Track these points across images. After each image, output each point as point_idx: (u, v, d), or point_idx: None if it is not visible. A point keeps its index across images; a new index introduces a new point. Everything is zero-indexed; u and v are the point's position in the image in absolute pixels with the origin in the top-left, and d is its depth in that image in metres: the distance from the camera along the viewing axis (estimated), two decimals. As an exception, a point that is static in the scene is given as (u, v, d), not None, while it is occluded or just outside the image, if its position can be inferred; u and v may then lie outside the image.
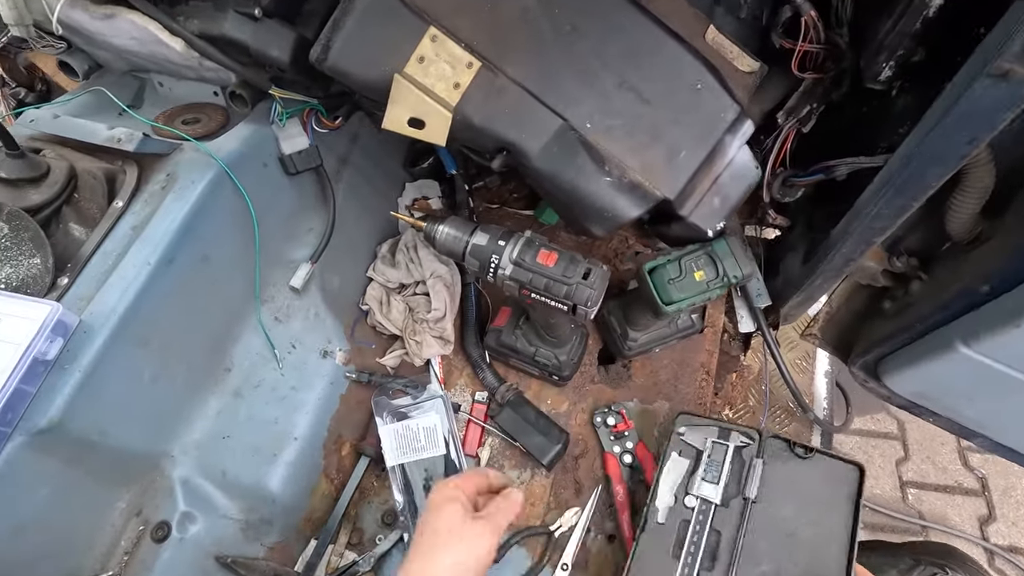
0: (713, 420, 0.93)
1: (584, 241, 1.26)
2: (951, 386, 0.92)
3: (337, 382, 1.03)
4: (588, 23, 0.75)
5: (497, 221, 1.30)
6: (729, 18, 1.05)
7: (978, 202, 0.78)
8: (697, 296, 0.84)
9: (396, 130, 0.71)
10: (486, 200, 1.32)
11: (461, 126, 0.76)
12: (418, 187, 1.31)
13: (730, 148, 0.82)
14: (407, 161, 1.30)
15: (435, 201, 1.32)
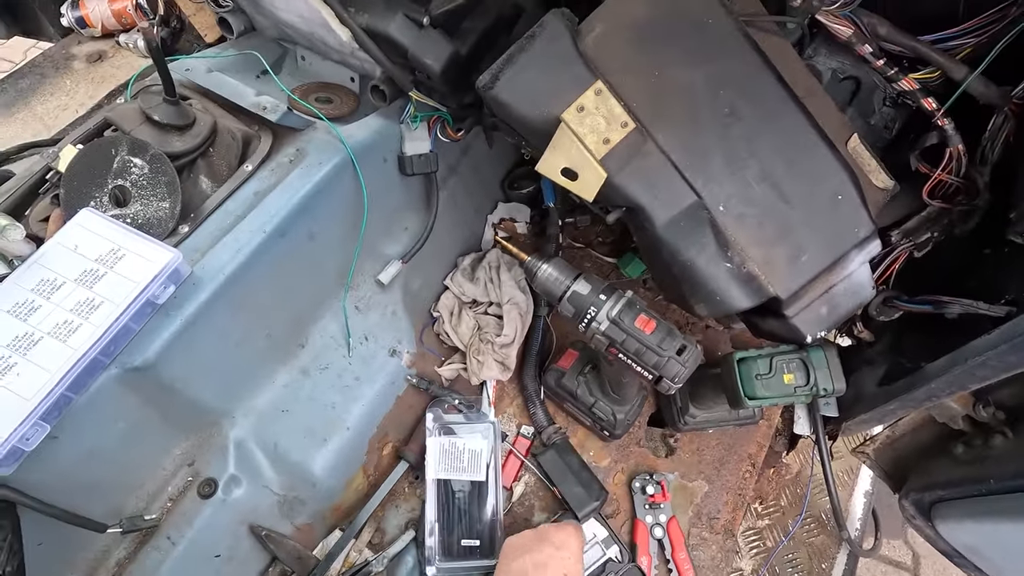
0: None
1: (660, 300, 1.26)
2: (1011, 553, 0.88)
3: (397, 382, 1.04)
4: (747, 109, 0.76)
5: (579, 261, 1.30)
6: (860, 122, 1.05)
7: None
8: (781, 398, 0.83)
9: (549, 176, 0.72)
10: (572, 237, 1.32)
11: (597, 178, 0.76)
12: (509, 208, 1.33)
13: (853, 262, 0.81)
14: (506, 182, 1.32)
15: (521, 226, 1.33)
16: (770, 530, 1.27)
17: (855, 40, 0.83)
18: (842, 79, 1.00)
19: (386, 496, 1.01)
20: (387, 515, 1.01)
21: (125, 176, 0.80)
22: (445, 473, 0.99)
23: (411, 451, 1.02)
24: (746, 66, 0.76)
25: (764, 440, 1.15)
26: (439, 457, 0.99)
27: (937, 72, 0.85)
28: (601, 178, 0.71)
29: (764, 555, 1.25)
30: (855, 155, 0.89)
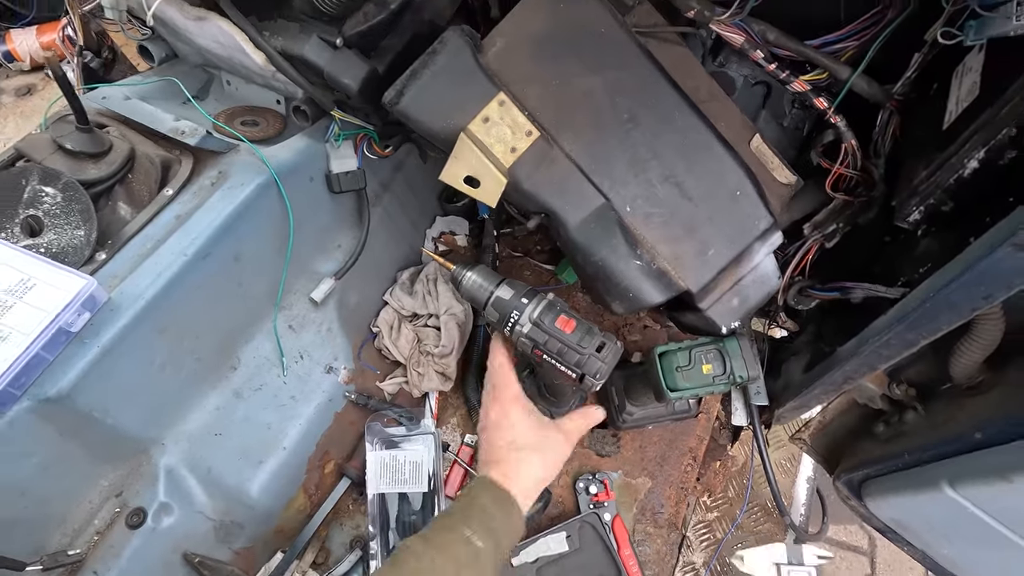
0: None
1: (598, 307, 1.29)
2: (931, 523, 0.93)
3: (335, 399, 1.04)
4: (646, 115, 0.80)
5: (519, 270, 1.33)
6: (773, 124, 1.11)
7: (983, 352, 0.81)
8: (701, 388, 0.87)
9: (452, 184, 0.75)
10: (511, 247, 1.35)
11: (510, 187, 0.79)
12: (448, 222, 1.35)
13: (757, 254, 0.85)
14: (443, 196, 1.34)
15: (461, 238, 1.35)
16: (719, 522, 1.30)
17: (748, 47, 0.89)
18: (753, 84, 1.06)
19: (329, 515, 1.00)
20: (331, 534, 1.01)
21: (37, 206, 0.79)
22: (386, 487, 0.99)
23: (353, 468, 1.02)
24: (641, 74, 0.80)
25: (704, 433, 1.19)
26: (379, 471, 0.99)
27: (825, 73, 0.91)
28: (501, 184, 0.74)
29: (714, 546, 1.28)
30: (758, 154, 0.95)
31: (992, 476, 0.75)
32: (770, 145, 0.96)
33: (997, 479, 0.75)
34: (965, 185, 0.72)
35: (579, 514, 1.05)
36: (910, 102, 0.90)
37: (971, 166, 0.70)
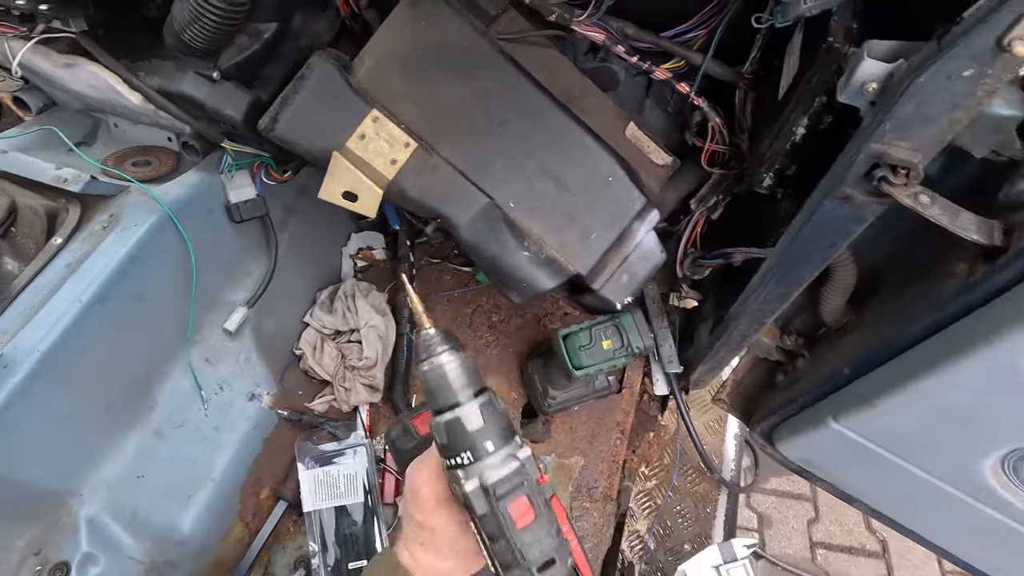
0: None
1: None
2: (828, 456, 1.02)
3: (262, 425, 1.05)
4: (517, 117, 0.85)
5: (438, 275, 1.37)
6: (658, 111, 1.18)
7: (843, 295, 0.90)
8: (603, 363, 0.93)
9: (331, 200, 0.78)
10: (428, 255, 1.39)
11: (398, 196, 0.83)
12: (363, 238, 1.37)
13: (638, 233, 0.92)
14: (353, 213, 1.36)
15: (379, 252, 1.38)
16: (658, 489, 1.37)
17: (609, 43, 0.96)
18: (635, 75, 1.13)
19: (270, 539, 1.01)
20: (274, 558, 1.01)
21: (-88, 271, 0.77)
22: (322, 503, 1.00)
23: (289, 490, 1.03)
24: (507, 80, 0.85)
25: (629, 407, 1.25)
26: (314, 488, 1.01)
27: (682, 61, 0.99)
28: (378, 196, 0.77)
29: (656, 513, 1.34)
30: (634, 140, 1.02)
31: (860, 404, 0.84)
32: (646, 131, 1.03)
33: (865, 406, 0.83)
34: (799, 149, 0.81)
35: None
36: (760, 80, 0.98)
37: (799, 132, 0.79)
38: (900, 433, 0.83)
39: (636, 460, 1.39)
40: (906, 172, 0.62)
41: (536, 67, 0.92)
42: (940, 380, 0.70)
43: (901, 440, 0.84)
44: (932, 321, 0.71)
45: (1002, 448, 0.73)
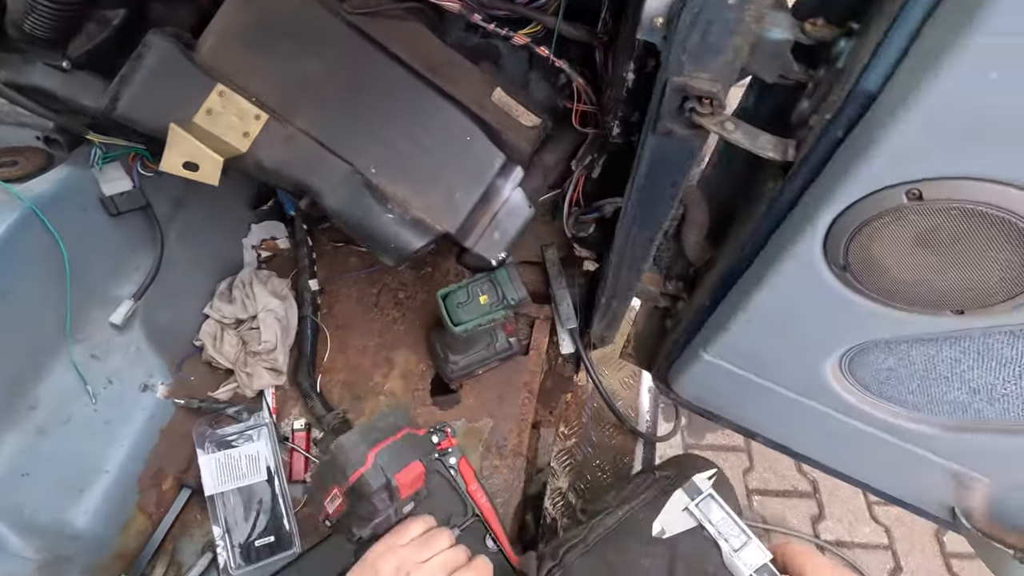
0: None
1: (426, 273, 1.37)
2: (708, 388, 1.08)
3: (158, 415, 1.05)
4: (371, 88, 0.88)
5: (343, 258, 1.38)
6: (543, 82, 1.23)
7: (699, 233, 0.96)
8: (482, 317, 0.96)
9: (171, 171, 0.79)
10: (332, 239, 1.40)
11: (256, 169, 0.85)
12: (265, 228, 1.38)
13: (504, 190, 0.96)
14: (252, 203, 1.37)
15: (283, 241, 1.38)
16: (577, 447, 1.42)
17: (466, 11, 0.99)
18: (517, 49, 1.17)
19: (176, 528, 1.01)
20: (180, 546, 1.01)
21: None
22: (224, 486, 1.01)
23: (192, 477, 1.03)
24: (355, 51, 0.87)
25: (536, 367, 1.29)
26: (215, 472, 1.01)
27: (539, 26, 1.03)
28: (218, 164, 0.79)
29: (576, 469, 1.39)
30: (502, 104, 1.05)
31: (718, 331, 0.90)
32: (513, 95, 1.07)
33: (721, 332, 0.89)
34: (634, 94, 0.85)
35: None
36: (612, 38, 1.03)
37: (630, 77, 0.83)
38: (751, 352, 0.89)
39: (555, 421, 1.43)
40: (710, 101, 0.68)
41: (394, 40, 0.94)
42: (766, 294, 0.76)
43: (754, 359, 0.90)
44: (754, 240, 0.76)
45: (835, 351, 0.79)
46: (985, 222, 0.51)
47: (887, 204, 0.55)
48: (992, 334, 0.63)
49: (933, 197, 0.52)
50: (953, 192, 0.51)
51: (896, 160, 0.52)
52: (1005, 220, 0.50)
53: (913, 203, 0.53)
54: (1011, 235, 0.51)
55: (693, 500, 0.62)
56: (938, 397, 0.75)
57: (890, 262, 0.60)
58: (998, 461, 0.81)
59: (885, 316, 0.67)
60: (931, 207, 0.53)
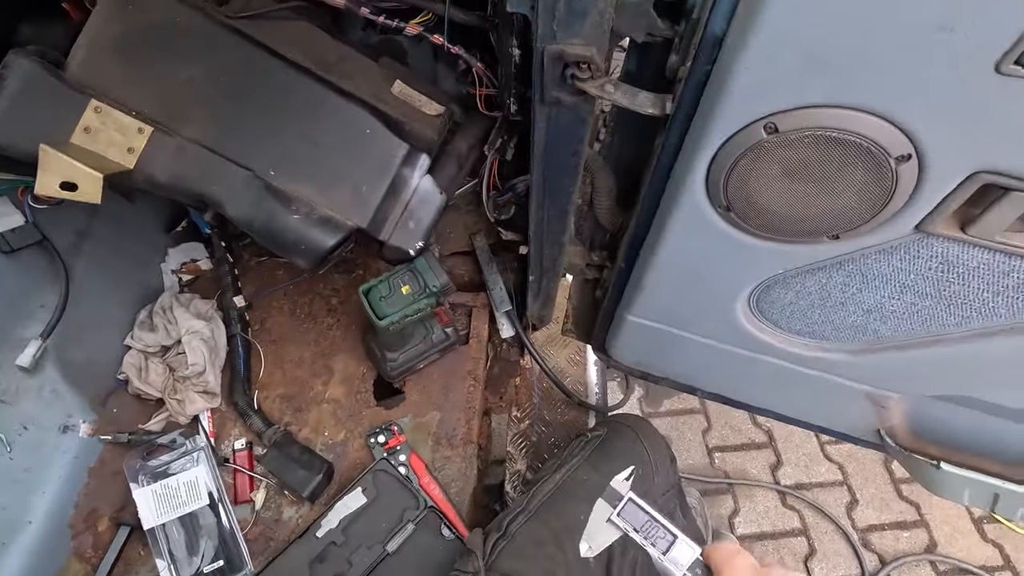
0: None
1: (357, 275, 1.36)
2: (641, 349, 1.11)
3: (83, 455, 1.00)
4: (260, 90, 0.86)
5: (269, 272, 1.35)
6: (451, 74, 1.23)
7: (609, 198, 0.98)
8: (408, 307, 0.96)
9: (49, 194, 0.76)
10: (255, 254, 1.36)
11: (149, 184, 0.82)
12: (184, 250, 1.33)
13: (411, 179, 0.96)
14: (166, 226, 1.32)
15: (204, 263, 1.34)
16: (531, 428, 1.43)
17: (351, 6, 0.98)
18: (418, 43, 1.17)
19: (118, 568, 0.97)
20: (126, 587, 0.97)
21: None
22: (164, 517, 0.97)
23: (128, 514, 0.99)
24: (240, 55, 0.86)
25: (479, 355, 1.30)
26: (153, 504, 0.98)
27: (429, 14, 1.04)
28: (98, 181, 0.76)
29: (533, 450, 1.40)
30: (403, 96, 1.05)
31: (636, 291, 0.93)
32: (414, 86, 1.07)
33: (638, 291, 0.92)
34: (522, 70, 0.87)
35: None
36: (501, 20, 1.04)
37: (516, 53, 0.85)
38: (668, 306, 0.92)
39: (506, 406, 1.44)
40: (588, 66, 0.69)
41: (281, 41, 0.93)
42: (668, 247, 0.79)
43: (671, 312, 0.93)
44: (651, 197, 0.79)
45: (740, 293, 0.82)
46: (837, 147, 0.55)
47: (749, 141, 0.58)
48: (868, 254, 0.67)
49: (787, 128, 0.55)
50: (803, 121, 0.54)
51: (748, 97, 0.55)
52: (853, 143, 0.54)
53: (771, 137, 0.56)
54: (861, 157, 0.55)
55: (615, 508, 0.61)
56: (838, 323, 0.80)
57: (765, 197, 0.63)
58: (903, 376, 0.86)
59: (774, 251, 0.70)
60: (787, 139, 0.56)
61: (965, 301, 0.66)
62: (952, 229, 0.59)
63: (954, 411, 0.88)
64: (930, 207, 0.56)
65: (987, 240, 0.58)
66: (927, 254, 0.63)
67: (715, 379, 1.10)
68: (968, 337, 0.71)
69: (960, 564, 1.62)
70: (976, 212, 0.56)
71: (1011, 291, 0.62)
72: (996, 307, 0.65)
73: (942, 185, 0.54)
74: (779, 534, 1.76)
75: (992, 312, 0.66)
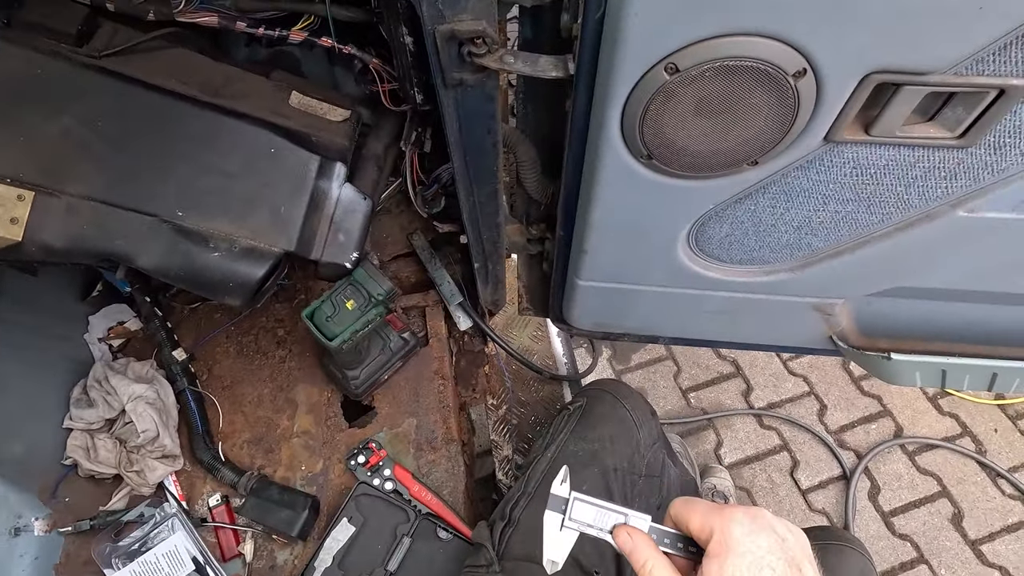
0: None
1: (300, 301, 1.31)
2: (597, 311, 1.12)
3: (44, 555, 0.93)
4: (142, 128, 0.80)
5: (205, 318, 1.28)
6: (350, 77, 1.18)
7: (535, 170, 0.97)
8: (358, 322, 0.93)
9: None
10: (186, 303, 1.29)
11: (45, 254, 0.75)
12: (107, 315, 1.25)
13: (331, 191, 0.92)
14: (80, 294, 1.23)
15: (132, 323, 1.26)
16: (510, 412, 1.43)
17: (226, 23, 0.92)
18: (311, 51, 1.11)
19: (112, 661, 0.91)
20: (125, 676, 0.92)
21: None
22: (149, 594, 0.92)
23: (110, 602, 0.93)
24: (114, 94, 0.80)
25: (441, 353, 1.28)
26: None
27: (312, 18, 0.99)
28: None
29: (516, 433, 1.41)
30: (304, 107, 1.00)
31: (581, 255, 0.93)
32: (313, 95, 1.02)
33: (582, 254, 0.92)
34: (419, 57, 0.84)
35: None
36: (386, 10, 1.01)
37: (408, 40, 0.82)
38: (613, 264, 0.93)
39: (479, 396, 1.43)
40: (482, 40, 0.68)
41: (158, 73, 0.86)
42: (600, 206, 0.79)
43: (618, 269, 0.94)
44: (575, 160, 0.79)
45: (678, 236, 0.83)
46: (736, 75, 0.56)
47: (654, 85, 0.58)
48: (788, 173, 0.69)
49: (687, 66, 0.55)
50: (699, 56, 0.54)
51: (643, 42, 0.54)
52: (751, 68, 0.54)
53: (674, 77, 0.57)
54: (760, 80, 0.56)
55: (564, 514, 0.58)
56: (774, 245, 0.82)
57: (681, 138, 0.64)
58: (842, 282, 0.90)
59: (700, 189, 0.71)
60: (689, 76, 0.56)
61: (882, 199, 0.69)
62: (857, 133, 0.61)
63: (893, 304, 0.93)
64: (833, 116, 0.58)
65: (890, 137, 0.60)
66: (840, 162, 0.65)
67: (673, 324, 1.12)
68: (891, 232, 0.75)
69: (926, 441, 1.74)
70: (875, 113, 0.58)
71: (920, 180, 0.65)
72: (910, 199, 0.68)
73: (839, 93, 0.55)
74: (763, 454, 1.84)
75: (908, 204, 0.70)
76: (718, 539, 0.48)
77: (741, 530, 0.47)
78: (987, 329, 0.95)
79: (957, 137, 0.60)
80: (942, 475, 1.70)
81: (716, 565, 0.46)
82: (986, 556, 1.57)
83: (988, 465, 1.67)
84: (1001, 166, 0.62)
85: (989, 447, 1.73)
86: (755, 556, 0.46)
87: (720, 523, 0.48)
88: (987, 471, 1.68)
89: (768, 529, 0.48)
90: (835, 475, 1.77)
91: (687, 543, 0.53)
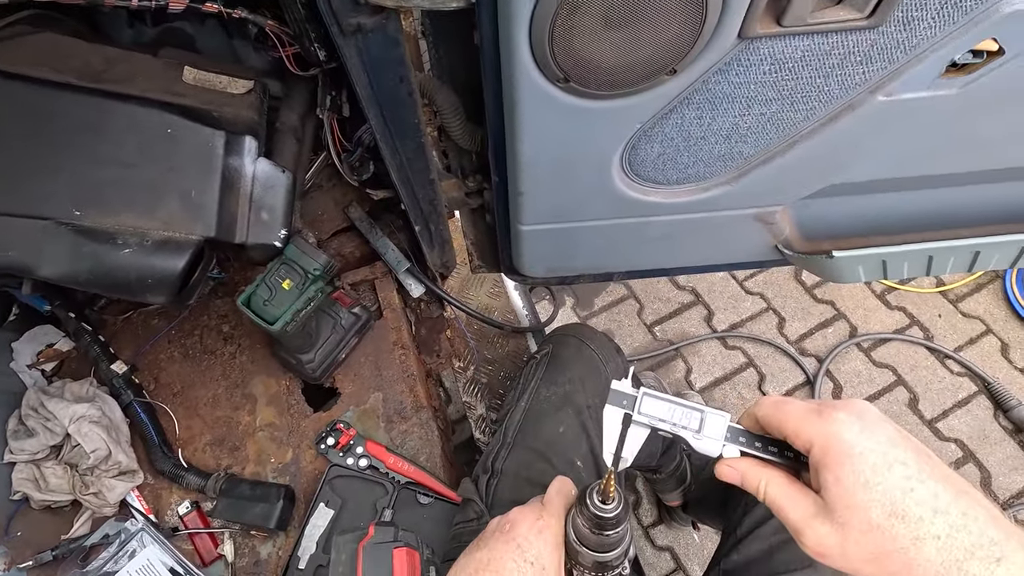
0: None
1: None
2: (546, 255, 1.10)
3: (6, 595, 0.89)
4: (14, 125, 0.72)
5: (142, 326, 1.21)
6: (249, 46, 1.10)
7: (458, 117, 0.93)
8: (296, 302, 0.89)
9: None
10: (117, 313, 1.21)
11: (-69, 279, 0.68)
12: (32, 339, 1.16)
13: (244, 167, 0.86)
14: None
15: (63, 343, 1.18)
16: (478, 371, 1.42)
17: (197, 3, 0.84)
18: (204, 22, 1.02)
19: None
20: None
21: None
22: (128, 614, 0.89)
23: (90, 628, 0.90)
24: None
25: (397, 323, 1.25)
26: (110, 607, 0.89)
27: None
28: None
29: (487, 391, 1.40)
30: (200, 82, 0.92)
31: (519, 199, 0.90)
32: (209, 68, 0.94)
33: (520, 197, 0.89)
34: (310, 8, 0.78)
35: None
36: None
37: None
38: (552, 203, 0.91)
39: (444, 361, 1.41)
40: (374, -25, 0.62)
41: (24, 61, 0.77)
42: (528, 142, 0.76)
43: (557, 208, 0.92)
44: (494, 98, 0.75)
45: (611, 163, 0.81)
46: (640, -24, 0.53)
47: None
48: (708, 79, 0.67)
49: (585, -29, 0.52)
50: (596, -42, 0.51)
51: (536, -51, 0.51)
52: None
53: (575, -15, 0.53)
54: (660, -21, 0.53)
55: (634, 408, 0.54)
56: (706, 158, 0.81)
57: (595, 53, 0.61)
58: (778, 188, 0.90)
59: (624, 108, 0.69)
60: (589, -18, 0.53)
61: (804, 94, 0.69)
62: (770, 26, 0.59)
63: (830, 204, 0.94)
64: (743, 8, 0.56)
65: (802, 25, 0.59)
66: (757, 59, 0.64)
67: (622, 257, 1.12)
68: (817, 129, 0.75)
69: (878, 336, 1.83)
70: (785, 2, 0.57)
71: (837, 69, 0.65)
72: (830, 89, 0.68)
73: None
74: (731, 374, 1.90)
75: (829, 96, 0.69)
76: (827, 447, 0.42)
77: (851, 432, 0.42)
78: (918, 215, 0.97)
79: (867, 17, 0.59)
80: (896, 365, 1.79)
81: (832, 476, 0.41)
82: (942, 432, 1.67)
83: (936, 349, 1.77)
84: (912, 42, 0.62)
85: (935, 332, 1.83)
86: (877, 453, 0.41)
87: (824, 429, 0.43)
88: (936, 355, 1.78)
89: (880, 421, 0.44)
90: (800, 382, 1.85)
91: (781, 447, 0.49)
